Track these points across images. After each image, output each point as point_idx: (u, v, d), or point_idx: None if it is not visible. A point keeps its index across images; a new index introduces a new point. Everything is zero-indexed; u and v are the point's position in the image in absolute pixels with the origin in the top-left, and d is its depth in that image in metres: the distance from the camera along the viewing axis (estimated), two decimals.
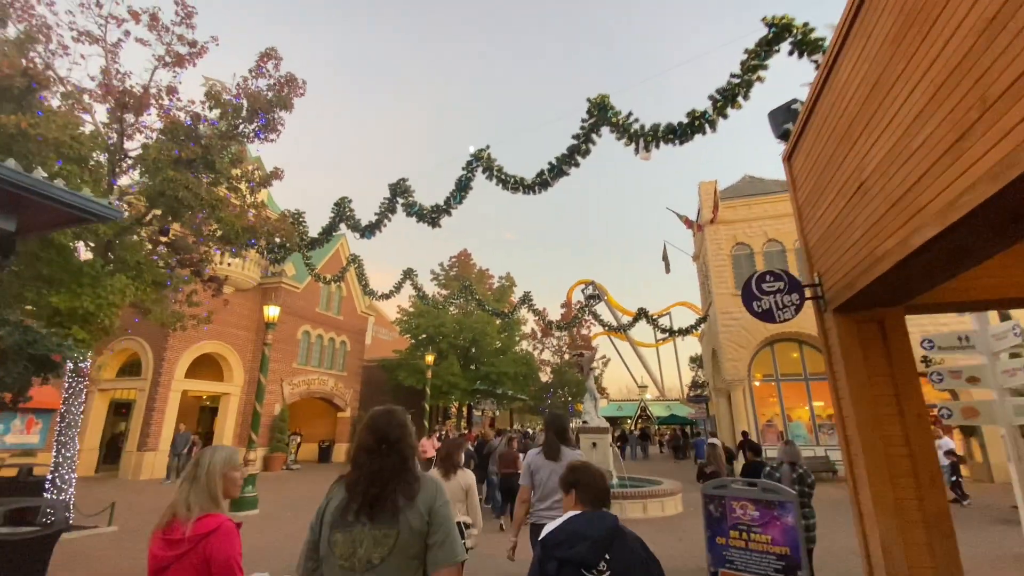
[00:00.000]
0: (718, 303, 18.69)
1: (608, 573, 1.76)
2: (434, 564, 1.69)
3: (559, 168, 8.88)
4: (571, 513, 1.99)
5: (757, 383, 18.60)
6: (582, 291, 34.30)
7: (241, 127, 9.52)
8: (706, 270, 21.58)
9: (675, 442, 31.63)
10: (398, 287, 19.57)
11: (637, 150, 7.93)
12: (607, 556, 1.79)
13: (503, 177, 9.78)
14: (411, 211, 11.82)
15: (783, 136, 4.57)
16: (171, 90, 10.23)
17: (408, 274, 19.65)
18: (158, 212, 10.11)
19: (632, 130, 7.90)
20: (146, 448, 16.97)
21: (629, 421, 44.47)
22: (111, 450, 18.88)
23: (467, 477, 4.37)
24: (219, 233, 10.74)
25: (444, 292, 29.14)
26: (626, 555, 1.81)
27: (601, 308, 35.67)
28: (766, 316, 4.22)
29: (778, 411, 18.29)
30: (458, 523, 3.42)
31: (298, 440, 22.98)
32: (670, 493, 11.25)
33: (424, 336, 26.49)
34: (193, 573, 1.86)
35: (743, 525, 3.64)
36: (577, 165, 8.81)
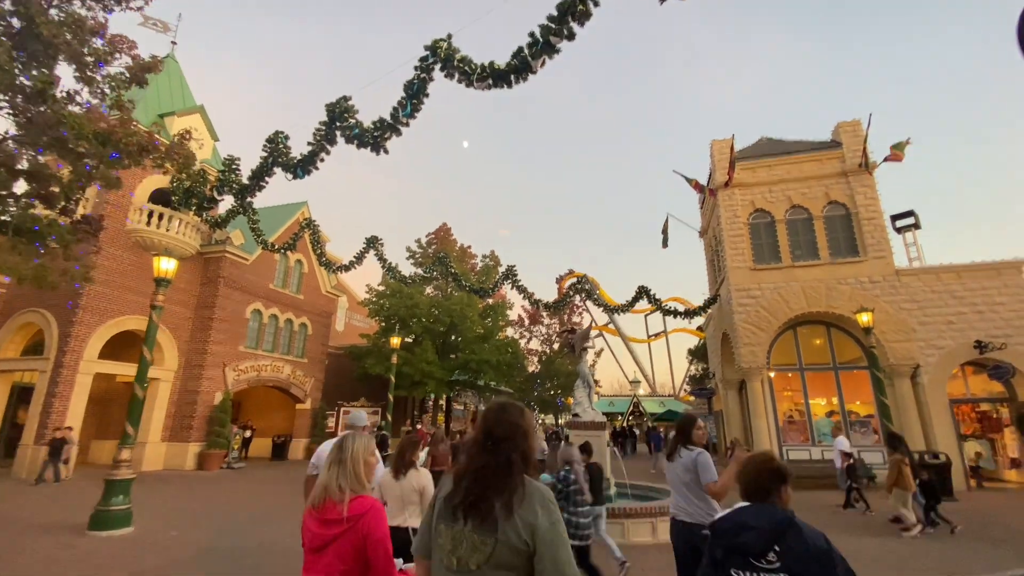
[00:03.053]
0: (733, 279, 15.99)
1: (779, 564, 1.76)
2: None
3: (544, 41, 6.07)
4: (739, 504, 2.04)
5: (772, 373, 15.98)
6: (572, 284, 31.85)
7: None
8: (716, 244, 18.90)
9: (651, 438, 28.93)
10: (360, 257, 16.65)
11: None
12: (777, 547, 1.78)
13: (467, 69, 6.95)
14: (350, 134, 8.95)
15: None
16: None
17: (372, 243, 16.74)
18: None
19: None
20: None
21: (620, 417, 42.05)
22: (12, 443, 15.85)
23: (422, 478, 3.96)
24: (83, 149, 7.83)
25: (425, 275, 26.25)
26: (801, 547, 1.76)
27: (591, 305, 33.25)
28: None
29: (801, 405, 15.69)
30: (407, 528, 3.66)
31: (247, 434, 20.07)
32: None
33: (395, 319, 23.57)
34: (351, 549, 2.02)
35: None
36: (571, 36, 6.00)
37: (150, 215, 16.45)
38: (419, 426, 18.19)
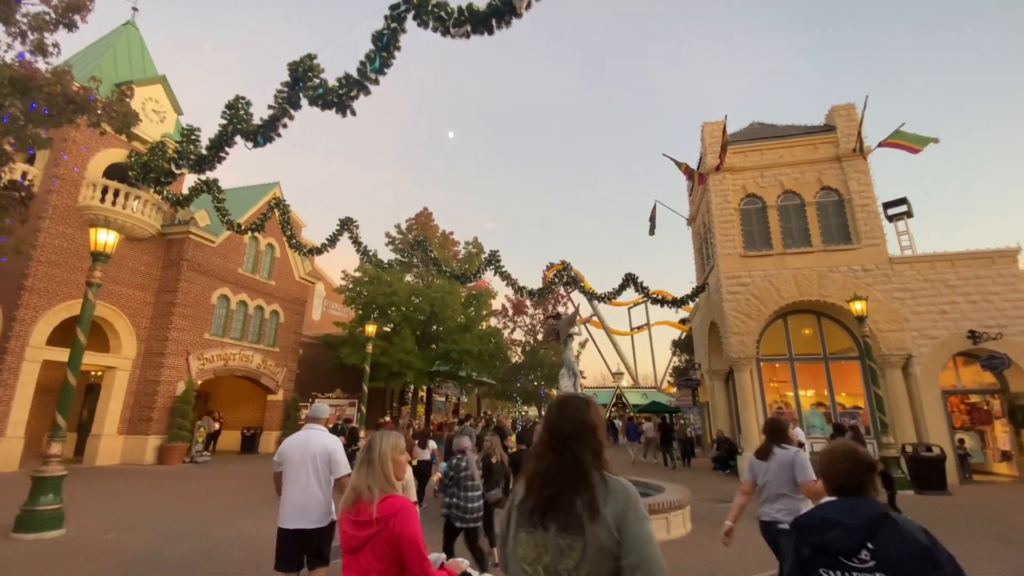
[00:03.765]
0: (723, 266, 15.45)
1: (874, 563, 1.60)
2: None
3: None
4: (824, 499, 1.92)
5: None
6: (556, 276, 31.33)
7: None
8: (704, 231, 18.37)
9: (628, 428, 28.71)
10: (333, 240, 15.72)
11: None
12: (870, 545, 1.63)
13: (442, 15, 6.15)
14: (314, 95, 8.10)
15: None
16: None
17: (346, 224, 15.83)
18: None
19: None
20: None
21: (603, 409, 41.78)
22: None
23: None
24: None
25: (403, 259, 25.30)
26: (898, 544, 1.61)
27: (577, 296, 32.77)
28: None
29: (787, 396, 15.27)
30: None
31: (215, 426, 19.05)
32: (677, 506, 7.95)
33: (373, 307, 22.66)
34: (385, 550, 2.03)
35: None
36: None
37: (104, 191, 15.28)
38: (386, 418, 17.36)
